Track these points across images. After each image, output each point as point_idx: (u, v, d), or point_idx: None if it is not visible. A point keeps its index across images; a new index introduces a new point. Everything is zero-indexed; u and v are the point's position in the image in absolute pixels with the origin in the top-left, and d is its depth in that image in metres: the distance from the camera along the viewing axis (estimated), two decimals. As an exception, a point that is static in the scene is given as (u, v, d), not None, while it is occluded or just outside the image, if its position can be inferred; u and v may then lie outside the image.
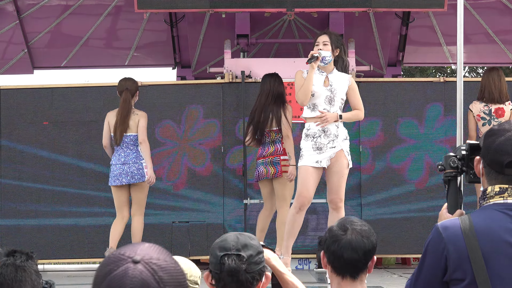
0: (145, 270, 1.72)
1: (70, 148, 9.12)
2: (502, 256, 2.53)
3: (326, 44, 6.80)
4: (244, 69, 9.16)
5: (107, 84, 9.25)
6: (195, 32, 10.63)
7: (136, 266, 1.72)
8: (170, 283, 1.74)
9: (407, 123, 9.11)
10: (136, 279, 1.71)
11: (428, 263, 2.63)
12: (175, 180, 9.06)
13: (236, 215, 9.00)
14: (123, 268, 1.72)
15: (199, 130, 9.11)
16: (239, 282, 2.72)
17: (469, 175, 2.90)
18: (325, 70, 6.86)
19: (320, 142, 6.67)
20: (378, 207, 9.00)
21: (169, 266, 1.76)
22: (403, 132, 9.10)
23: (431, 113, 9.08)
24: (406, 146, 9.08)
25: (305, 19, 10.12)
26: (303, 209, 6.75)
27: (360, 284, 3.05)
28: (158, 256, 1.76)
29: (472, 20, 10.70)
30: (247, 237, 2.81)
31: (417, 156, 9.06)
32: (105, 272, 1.74)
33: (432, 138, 9.08)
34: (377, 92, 9.13)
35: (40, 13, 10.64)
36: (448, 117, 9.00)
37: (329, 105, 6.75)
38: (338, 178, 6.71)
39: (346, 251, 3.03)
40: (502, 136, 2.64)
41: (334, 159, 6.69)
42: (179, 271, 1.79)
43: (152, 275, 1.72)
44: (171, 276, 1.75)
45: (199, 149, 9.10)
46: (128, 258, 1.74)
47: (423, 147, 9.07)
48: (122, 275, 1.72)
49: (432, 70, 23.18)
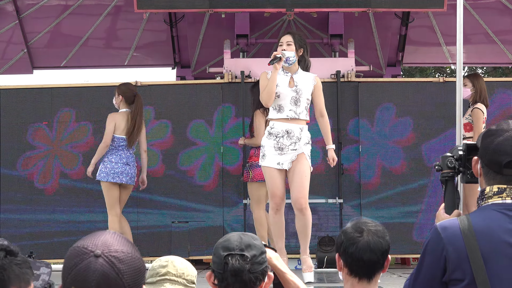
0: (105, 263, 1.99)
1: (70, 148, 9.12)
2: (502, 256, 2.54)
3: (290, 44, 6.81)
4: (244, 69, 9.16)
5: (107, 84, 9.25)
6: (194, 32, 10.63)
7: (97, 260, 2.00)
8: (128, 272, 2.01)
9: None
10: (98, 272, 1.98)
11: (427, 264, 2.63)
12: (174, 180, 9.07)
13: (235, 215, 9.00)
14: (86, 262, 2.00)
15: (194, 129, 9.11)
16: (243, 282, 2.71)
17: (466, 176, 2.90)
18: (289, 70, 6.87)
19: (282, 142, 6.69)
20: (378, 207, 9.00)
21: (126, 256, 2.03)
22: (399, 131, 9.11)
23: (432, 113, 9.08)
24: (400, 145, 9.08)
25: (305, 19, 10.12)
26: (280, 209, 6.78)
27: (375, 284, 3.06)
28: (117, 248, 2.03)
29: (471, 20, 10.70)
30: (250, 237, 2.81)
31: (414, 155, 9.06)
32: (71, 265, 2.02)
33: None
34: (377, 92, 9.12)
35: (39, 13, 10.65)
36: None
37: (294, 106, 6.75)
38: (300, 177, 6.68)
39: (365, 253, 3.00)
40: (501, 136, 2.64)
41: (295, 161, 6.70)
42: (136, 257, 2.05)
43: (112, 267, 1.99)
44: (129, 266, 2.02)
45: (196, 149, 9.10)
46: (90, 252, 2.01)
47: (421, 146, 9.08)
48: (85, 268, 1.99)
49: (431, 70, 23.20)
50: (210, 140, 9.07)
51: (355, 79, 9.12)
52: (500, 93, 9.10)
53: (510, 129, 2.65)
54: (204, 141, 9.07)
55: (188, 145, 9.08)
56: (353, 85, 9.11)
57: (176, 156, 9.08)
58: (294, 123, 6.73)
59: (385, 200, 8.99)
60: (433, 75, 23.09)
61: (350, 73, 9.13)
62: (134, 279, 2.03)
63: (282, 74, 6.85)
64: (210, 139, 9.07)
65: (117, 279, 2.00)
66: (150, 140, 8.88)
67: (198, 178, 9.02)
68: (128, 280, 2.01)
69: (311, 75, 6.92)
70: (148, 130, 8.76)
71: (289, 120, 6.73)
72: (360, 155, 9.00)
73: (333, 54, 9.71)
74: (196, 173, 9.04)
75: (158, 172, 9.03)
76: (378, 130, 9.05)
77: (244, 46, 9.73)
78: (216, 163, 9.03)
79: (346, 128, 9.04)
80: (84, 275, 1.99)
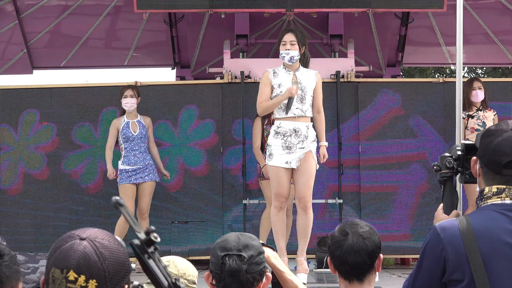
0: (89, 246, 1.98)
1: (69, 148, 9.12)
2: (501, 257, 2.53)
3: (294, 44, 6.84)
4: (244, 69, 9.15)
5: (107, 84, 9.25)
6: (194, 32, 10.63)
7: (81, 242, 1.99)
8: (110, 260, 1.98)
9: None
10: (79, 252, 1.96)
11: (426, 264, 2.62)
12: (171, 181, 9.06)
13: (235, 215, 9.00)
14: (70, 243, 1.99)
15: (196, 131, 9.11)
16: (240, 282, 2.72)
17: (464, 176, 2.89)
18: (291, 68, 6.89)
19: (290, 141, 6.70)
20: (377, 208, 9.00)
21: (111, 245, 2.01)
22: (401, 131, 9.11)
23: (431, 113, 9.08)
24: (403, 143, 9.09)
25: (305, 20, 10.12)
26: (283, 208, 6.81)
27: (368, 285, 3.05)
28: (103, 237, 2.02)
29: (471, 20, 10.70)
30: (248, 237, 2.81)
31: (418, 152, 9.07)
32: (56, 246, 2.01)
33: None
34: (376, 93, 9.12)
35: (39, 13, 10.64)
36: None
37: (301, 104, 6.78)
38: (307, 177, 6.71)
39: (349, 255, 3.01)
40: (500, 136, 2.63)
41: (303, 159, 6.72)
42: (122, 252, 2.02)
43: (94, 251, 1.97)
44: (112, 254, 1.99)
45: (196, 149, 9.09)
46: (76, 236, 2.01)
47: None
48: (68, 248, 1.98)
49: (431, 71, 23.20)
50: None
51: (355, 80, 9.11)
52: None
53: (509, 129, 2.64)
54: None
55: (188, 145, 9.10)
56: (353, 85, 9.11)
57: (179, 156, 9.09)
58: (301, 121, 6.76)
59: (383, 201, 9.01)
60: (432, 76, 23.09)
61: (350, 73, 9.13)
62: (116, 271, 1.98)
63: (285, 72, 6.86)
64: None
65: (97, 262, 1.96)
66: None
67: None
68: (110, 268, 1.97)
69: (312, 72, 6.95)
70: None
71: (296, 118, 6.75)
72: (360, 154, 9.01)
73: (333, 54, 9.70)
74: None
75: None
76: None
77: (244, 46, 9.73)
78: (219, 162, 9.02)
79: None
80: (66, 255, 1.97)
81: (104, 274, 1.96)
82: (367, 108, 9.05)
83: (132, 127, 8.41)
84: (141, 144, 8.40)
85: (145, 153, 8.41)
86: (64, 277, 1.95)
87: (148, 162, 8.38)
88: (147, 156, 8.42)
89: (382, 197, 8.98)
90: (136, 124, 8.43)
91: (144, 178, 8.31)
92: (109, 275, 1.96)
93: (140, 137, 8.39)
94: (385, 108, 9.07)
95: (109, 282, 1.96)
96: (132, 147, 8.37)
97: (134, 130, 8.40)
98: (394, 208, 8.98)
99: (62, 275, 1.96)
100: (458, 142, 4.33)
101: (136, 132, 8.39)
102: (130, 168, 8.31)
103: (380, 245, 3.06)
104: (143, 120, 8.51)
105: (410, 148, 9.04)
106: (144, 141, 8.43)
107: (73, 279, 1.95)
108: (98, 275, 1.95)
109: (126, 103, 8.40)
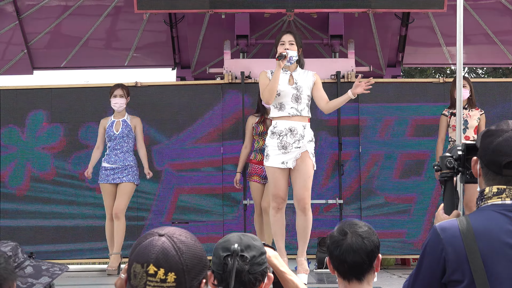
0: (167, 241, 2.12)
1: (69, 148, 9.13)
2: (501, 257, 2.54)
3: (292, 44, 6.84)
4: (244, 69, 9.16)
5: (107, 84, 9.25)
6: (194, 33, 10.63)
7: (160, 238, 2.13)
8: (188, 254, 2.12)
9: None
10: (158, 247, 2.11)
11: (426, 265, 2.63)
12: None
13: (235, 215, 9.00)
14: (150, 240, 2.14)
15: (196, 131, 9.12)
16: (242, 282, 2.72)
17: (465, 176, 2.89)
18: (288, 69, 6.90)
19: (286, 141, 6.69)
20: (377, 208, 9.01)
21: (189, 241, 2.15)
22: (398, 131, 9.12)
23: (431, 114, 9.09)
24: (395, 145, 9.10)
25: (305, 20, 10.12)
26: (281, 208, 6.78)
27: (367, 285, 3.05)
28: (181, 233, 2.17)
29: (471, 20, 10.70)
30: (250, 238, 2.81)
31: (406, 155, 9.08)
32: (137, 243, 2.16)
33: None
34: (376, 93, 9.12)
35: (39, 13, 10.65)
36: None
37: (296, 103, 6.76)
38: (304, 179, 6.68)
39: (348, 255, 3.02)
40: (500, 136, 2.64)
41: (299, 160, 6.69)
42: (199, 247, 2.17)
43: (172, 245, 2.12)
44: (189, 249, 2.13)
45: (197, 147, 9.11)
46: (155, 233, 2.16)
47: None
48: (147, 244, 2.13)
49: (431, 71, 23.20)
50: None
51: (355, 80, 9.09)
52: None
53: (509, 130, 2.64)
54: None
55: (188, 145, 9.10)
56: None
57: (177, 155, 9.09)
58: (297, 120, 6.74)
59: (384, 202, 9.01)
60: (433, 76, 23.09)
61: (350, 74, 9.13)
62: (193, 264, 2.12)
63: (282, 72, 6.87)
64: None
65: (175, 256, 2.10)
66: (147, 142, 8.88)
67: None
68: (187, 261, 2.10)
69: (310, 72, 6.95)
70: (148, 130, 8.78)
71: (291, 118, 6.74)
72: (360, 154, 9.01)
73: (333, 54, 9.70)
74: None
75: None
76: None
77: (244, 47, 9.73)
78: (218, 163, 9.03)
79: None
80: (146, 251, 2.11)
81: (182, 267, 2.09)
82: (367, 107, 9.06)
83: (116, 126, 8.32)
84: (123, 143, 8.28)
85: (127, 154, 8.28)
86: (145, 271, 2.09)
87: (128, 163, 8.25)
88: (129, 157, 8.28)
89: (382, 197, 8.99)
90: (120, 123, 8.33)
91: (122, 179, 8.21)
92: (186, 268, 2.10)
93: (122, 137, 8.27)
94: (384, 108, 9.08)
95: (187, 275, 2.10)
96: (114, 146, 8.28)
97: (117, 129, 8.30)
98: (394, 208, 8.99)
99: (142, 269, 2.09)
100: (458, 142, 4.33)
101: (118, 131, 8.30)
102: (109, 167, 8.24)
103: (379, 245, 3.07)
104: (130, 120, 8.37)
105: (410, 148, 9.04)
106: (126, 141, 8.29)
107: (153, 273, 2.08)
108: (177, 268, 2.09)
109: (115, 103, 8.32)
